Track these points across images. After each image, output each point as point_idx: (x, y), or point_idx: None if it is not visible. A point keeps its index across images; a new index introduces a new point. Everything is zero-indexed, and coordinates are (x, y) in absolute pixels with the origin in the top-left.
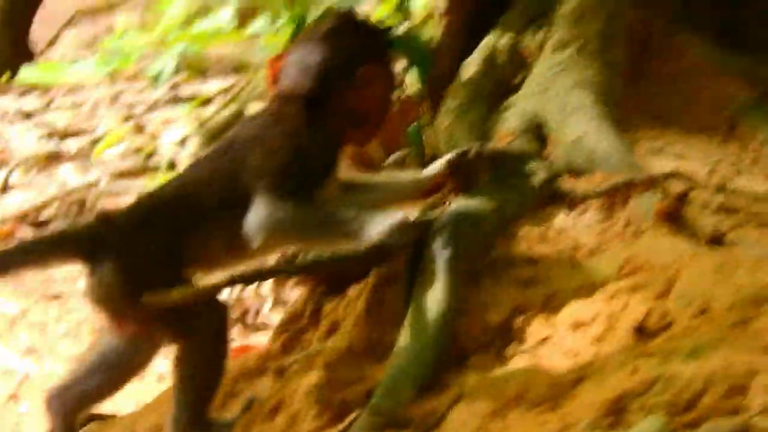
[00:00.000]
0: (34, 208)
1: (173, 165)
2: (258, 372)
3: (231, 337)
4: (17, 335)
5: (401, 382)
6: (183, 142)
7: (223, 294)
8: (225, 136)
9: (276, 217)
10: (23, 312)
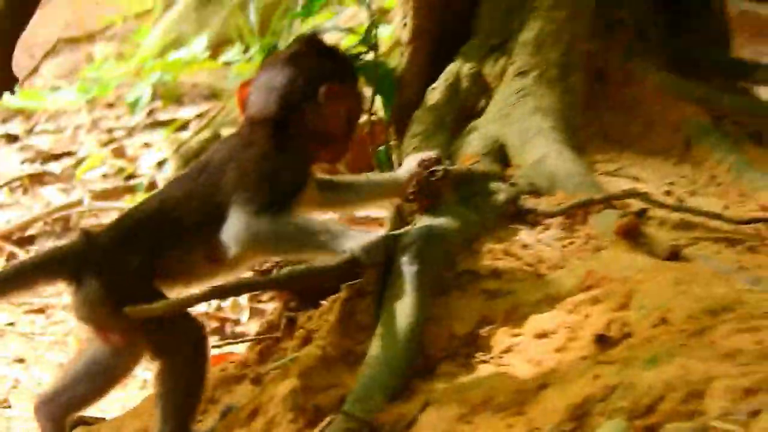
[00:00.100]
0: (20, 227)
1: (152, 186)
2: (236, 379)
3: (210, 352)
4: (7, 345)
5: (372, 389)
6: (161, 164)
7: (202, 306)
8: (200, 159)
9: (252, 228)
10: (12, 323)
